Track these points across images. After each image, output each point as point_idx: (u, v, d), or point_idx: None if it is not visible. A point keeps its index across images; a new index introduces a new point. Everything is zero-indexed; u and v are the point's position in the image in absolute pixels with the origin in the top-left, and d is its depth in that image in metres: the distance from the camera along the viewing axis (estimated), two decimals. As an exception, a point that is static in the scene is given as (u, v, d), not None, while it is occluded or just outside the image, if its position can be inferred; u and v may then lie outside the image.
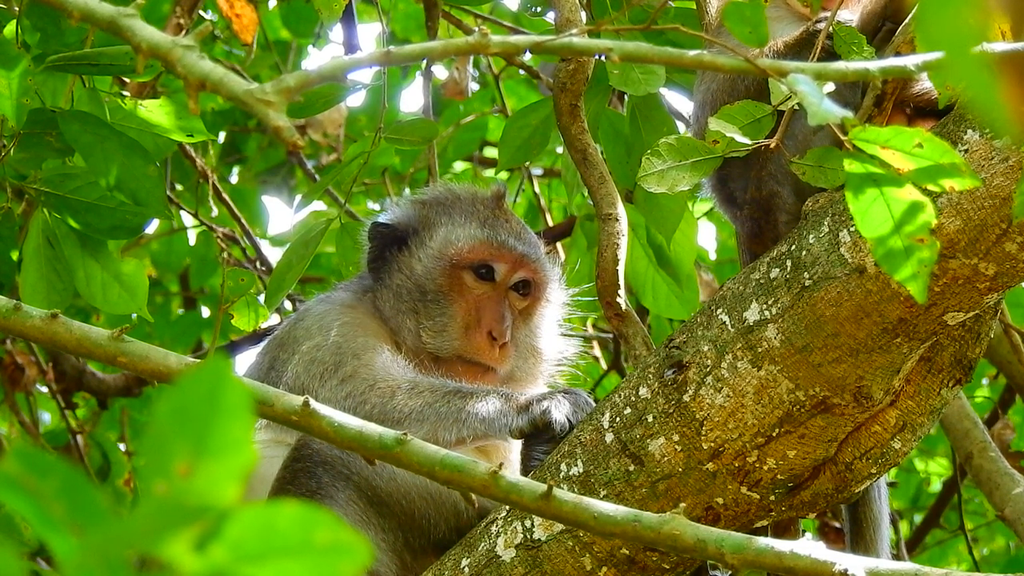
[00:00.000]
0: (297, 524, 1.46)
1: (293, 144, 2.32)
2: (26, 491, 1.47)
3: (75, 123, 3.79)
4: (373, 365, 3.85)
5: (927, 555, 7.09)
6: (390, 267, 4.10)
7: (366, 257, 4.17)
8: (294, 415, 2.79)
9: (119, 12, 2.46)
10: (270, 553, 1.47)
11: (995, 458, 4.98)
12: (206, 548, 1.46)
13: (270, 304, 4.52)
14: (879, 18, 3.55)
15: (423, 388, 3.78)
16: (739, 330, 3.45)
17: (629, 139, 4.22)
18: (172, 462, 1.45)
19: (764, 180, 3.60)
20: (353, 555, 1.43)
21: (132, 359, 2.90)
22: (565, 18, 3.88)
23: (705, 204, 5.45)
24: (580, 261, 4.99)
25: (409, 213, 4.17)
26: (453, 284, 4.06)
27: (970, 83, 2.01)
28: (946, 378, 3.54)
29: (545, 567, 3.53)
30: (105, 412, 6.66)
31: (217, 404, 1.47)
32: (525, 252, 4.10)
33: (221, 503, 1.47)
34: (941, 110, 3.41)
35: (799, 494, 3.53)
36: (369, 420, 2.85)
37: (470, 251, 4.06)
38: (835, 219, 3.38)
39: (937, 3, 1.96)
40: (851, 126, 2.68)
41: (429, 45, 2.60)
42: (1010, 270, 3.30)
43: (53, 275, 3.91)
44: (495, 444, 3.90)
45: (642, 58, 2.56)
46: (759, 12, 3.24)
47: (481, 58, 6.62)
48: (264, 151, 7.17)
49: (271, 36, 6.96)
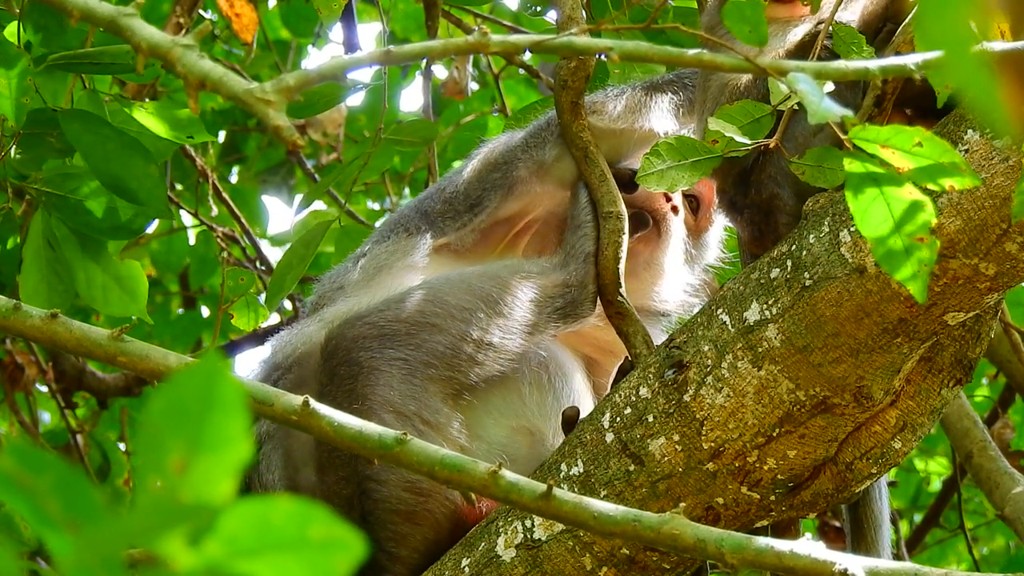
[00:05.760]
0: (292, 519, 1.46)
1: (293, 144, 2.32)
2: (22, 488, 1.47)
3: (76, 122, 3.79)
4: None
5: (927, 554, 7.09)
6: None
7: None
8: (294, 415, 2.79)
9: (119, 12, 2.46)
10: (265, 548, 1.48)
11: (995, 457, 4.98)
12: (201, 544, 1.47)
13: (270, 304, 4.53)
14: (880, 18, 3.55)
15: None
16: (739, 330, 3.45)
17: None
18: (167, 458, 1.45)
19: (764, 183, 3.60)
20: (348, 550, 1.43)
21: (132, 359, 2.90)
22: (567, 16, 3.88)
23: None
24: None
25: None
26: None
27: (970, 83, 2.01)
28: (946, 378, 3.54)
29: (545, 567, 3.53)
30: (105, 412, 6.65)
31: (212, 401, 1.48)
32: None
33: (216, 499, 1.47)
34: (941, 110, 3.41)
35: (799, 494, 3.53)
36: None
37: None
38: (835, 219, 3.38)
39: (937, 3, 1.96)
40: (851, 125, 2.68)
41: (429, 44, 2.59)
42: (1010, 270, 3.30)
43: (53, 277, 3.91)
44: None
45: (642, 57, 2.56)
46: (759, 12, 3.24)
47: (481, 57, 6.62)
48: (264, 151, 7.17)
49: (271, 35, 6.95)
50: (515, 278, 3.83)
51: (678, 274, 4.16)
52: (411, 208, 4.17)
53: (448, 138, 6.32)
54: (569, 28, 3.79)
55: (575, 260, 3.84)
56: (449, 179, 4.16)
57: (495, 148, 4.11)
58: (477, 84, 7.02)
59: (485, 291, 3.80)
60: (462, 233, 4.05)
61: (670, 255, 4.13)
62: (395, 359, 3.73)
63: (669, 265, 4.13)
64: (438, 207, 4.08)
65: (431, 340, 3.75)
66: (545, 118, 4.04)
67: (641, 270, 4.04)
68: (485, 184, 4.05)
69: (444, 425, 3.72)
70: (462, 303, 3.78)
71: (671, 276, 4.14)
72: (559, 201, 4.03)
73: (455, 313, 3.77)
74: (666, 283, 4.13)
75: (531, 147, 4.01)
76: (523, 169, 4.01)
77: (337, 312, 3.91)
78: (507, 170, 4.03)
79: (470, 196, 4.06)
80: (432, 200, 4.12)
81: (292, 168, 7.14)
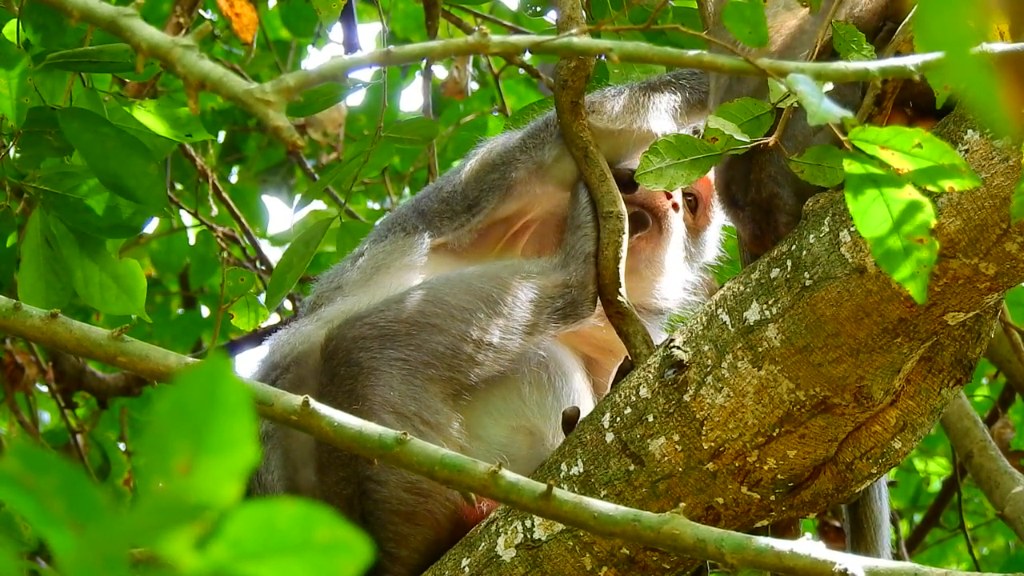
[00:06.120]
0: (297, 522, 1.46)
1: (293, 144, 2.32)
2: (25, 489, 1.47)
3: (76, 121, 3.79)
4: None
5: (927, 554, 7.09)
6: None
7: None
8: (294, 415, 2.79)
9: (119, 12, 2.46)
10: (270, 551, 1.47)
11: (995, 457, 4.98)
12: (206, 546, 1.47)
13: (270, 304, 4.52)
14: (879, 18, 3.55)
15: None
16: (739, 330, 3.45)
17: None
18: (171, 460, 1.45)
19: (764, 182, 3.60)
20: (353, 552, 1.43)
21: (132, 359, 2.90)
22: (567, 16, 3.88)
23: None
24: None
25: None
26: None
27: (970, 83, 2.01)
28: (946, 378, 3.54)
29: (545, 567, 3.53)
30: (105, 412, 6.65)
31: (217, 402, 1.48)
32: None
33: (221, 501, 1.47)
34: (941, 110, 3.41)
35: (799, 494, 3.53)
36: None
37: None
38: (835, 219, 3.38)
39: (937, 3, 1.96)
40: (851, 126, 2.68)
41: (429, 45, 2.59)
42: (1010, 270, 3.30)
43: (52, 276, 3.91)
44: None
45: (642, 58, 2.56)
46: (759, 12, 3.24)
47: (481, 57, 6.62)
48: (264, 150, 7.17)
49: (271, 35, 6.95)
50: (515, 278, 3.83)
51: (678, 271, 4.16)
52: (409, 207, 4.17)
53: (448, 138, 6.32)
54: (569, 28, 3.79)
55: (575, 260, 3.84)
56: (447, 179, 4.16)
57: (493, 149, 4.11)
58: (477, 84, 7.02)
59: (485, 291, 3.80)
60: (459, 233, 4.05)
61: (671, 252, 4.13)
62: (395, 359, 3.73)
63: (670, 262, 4.13)
64: (435, 207, 4.08)
65: (431, 340, 3.75)
66: (543, 119, 4.04)
67: (642, 267, 4.04)
68: (483, 185, 4.05)
69: (444, 425, 3.72)
70: (462, 303, 3.78)
71: (671, 273, 4.14)
72: (557, 202, 4.03)
73: (455, 313, 3.77)
74: (667, 280, 4.14)
75: (529, 148, 4.01)
76: (521, 170, 4.01)
77: (335, 311, 3.91)
78: (505, 171, 4.03)
79: (468, 197, 4.06)
80: (430, 200, 4.12)
81: (292, 168, 7.14)
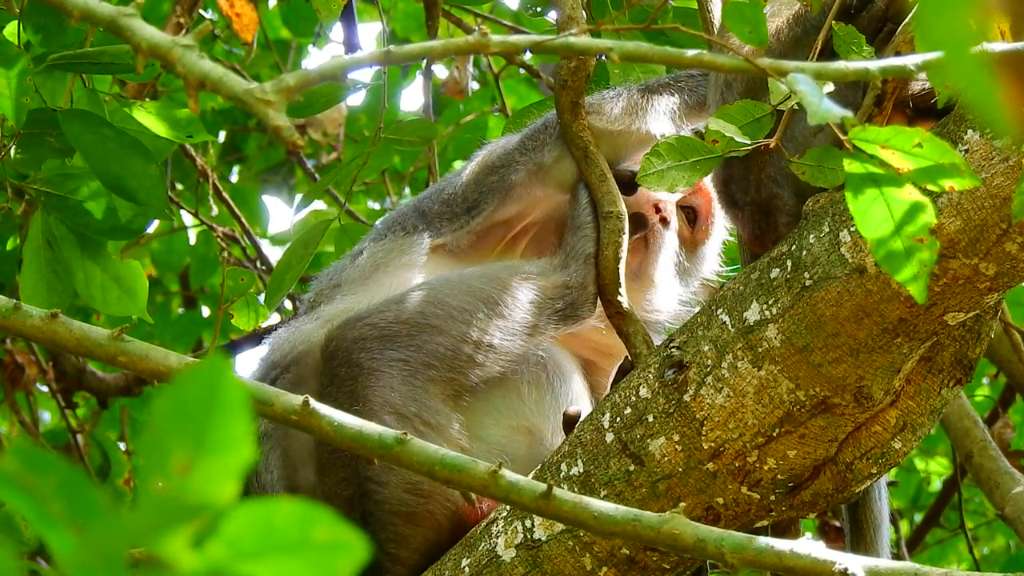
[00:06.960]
0: (296, 521, 1.46)
1: (293, 144, 2.32)
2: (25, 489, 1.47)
3: (76, 122, 3.79)
4: None
5: (927, 554, 7.09)
6: None
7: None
8: (294, 414, 2.79)
9: (119, 11, 2.46)
10: (268, 550, 1.47)
11: (995, 457, 4.98)
12: (204, 545, 1.47)
13: (270, 304, 4.52)
14: (880, 18, 3.55)
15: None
16: (739, 330, 3.45)
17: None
18: (170, 459, 1.45)
19: (764, 182, 3.60)
20: (352, 552, 1.43)
21: (132, 359, 2.90)
22: (567, 16, 3.88)
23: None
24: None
25: None
26: None
27: (970, 83, 2.01)
28: (947, 378, 3.54)
29: (545, 567, 3.53)
30: (105, 411, 6.65)
31: (216, 402, 1.48)
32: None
33: (219, 501, 1.47)
34: (941, 110, 3.41)
35: (799, 494, 3.53)
36: None
37: None
38: (835, 219, 3.38)
39: (937, 3, 1.96)
40: (851, 126, 2.68)
41: (429, 44, 2.59)
42: (1010, 270, 3.30)
43: (53, 277, 3.91)
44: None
45: (642, 58, 2.56)
46: (759, 12, 3.24)
47: (481, 57, 6.62)
48: (264, 150, 7.17)
49: (271, 35, 6.95)
50: (515, 279, 3.83)
51: (668, 286, 4.13)
52: (409, 207, 4.17)
53: (448, 138, 6.32)
54: (569, 28, 3.79)
55: (575, 261, 3.84)
56: (448, 180, 4.16)
57: (493, 151, 4.11)
58: (477, 84, 7.02)
59: (485, 292, 3.80)
60: (458, 235, 4.05)
61: (660, 268, 4.10)
62: (395, 360, 3.73)
63: (659, 277, 4.10)
64: (436, 207, 4.08)
65: (432, 341, 3.75)
66: (542, 121, 4.04)
67: (628, 280, 4.01)
68: (482, 187, 4.05)
69: (444, 426, 3.72)
70: (462, 304, 3.78)
71: (660, 288, 4.12)
72: (556, 204, 4.03)
73: (455, 314, 3.77)
74: (655, 295, 4.11)
75: (529, 150, 4.00)
76: (521, 172, 4.01)
77: (335, 310, 3.91)
78: (504, 173, 4.03)
79: (467, 198, 4.06)
80: (430, 200, 4.12)
81: (292, 168, 7.14)
